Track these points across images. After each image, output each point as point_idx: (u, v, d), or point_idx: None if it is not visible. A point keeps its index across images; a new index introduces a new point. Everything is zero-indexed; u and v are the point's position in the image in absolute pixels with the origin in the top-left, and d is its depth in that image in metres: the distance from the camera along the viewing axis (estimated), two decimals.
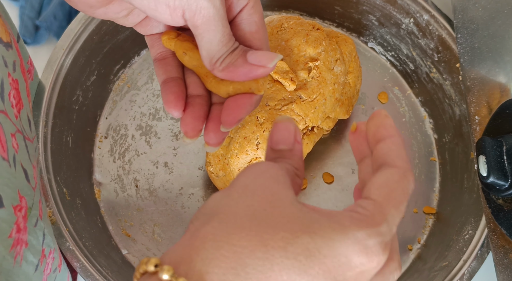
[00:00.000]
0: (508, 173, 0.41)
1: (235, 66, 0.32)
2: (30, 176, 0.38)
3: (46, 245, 0.41)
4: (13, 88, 0.38)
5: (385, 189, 0.26)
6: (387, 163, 0.27)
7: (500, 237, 0.46)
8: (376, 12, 0.63)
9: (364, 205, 0.25)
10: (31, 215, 0.37)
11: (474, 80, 0.50)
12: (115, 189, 0.59)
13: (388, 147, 0.28)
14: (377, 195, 0.25)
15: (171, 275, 0.22)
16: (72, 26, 0.57)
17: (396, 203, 0.25)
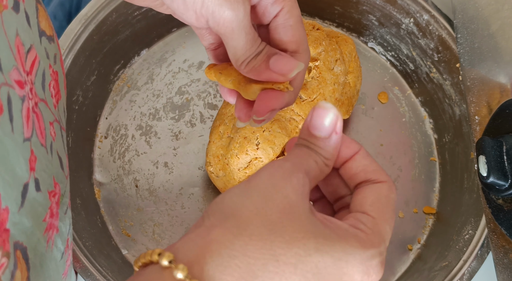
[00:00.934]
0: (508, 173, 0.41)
1: (257, 71, 0.33)
2: (64, 164, 0.39)
3: (70, 235, 0.42)
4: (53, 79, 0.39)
5: (379, 205, 0.27)
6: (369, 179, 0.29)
7: (500, 237, 0.46)
8: (376, 12, 0.63)
9: (363, 220, 0.27)
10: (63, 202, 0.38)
11: (474, 80, 0.50)
12: (115, 189, 0.59)
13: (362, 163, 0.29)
14: (373, 211, 0.27)
15: (185, 276, 0.23)
16: (72, 26, 0.57)
17: (389, 219, 0.27)
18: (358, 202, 0.28)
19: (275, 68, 0.33)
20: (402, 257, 0.57)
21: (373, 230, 0.26)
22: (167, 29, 0.66)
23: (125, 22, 0.61)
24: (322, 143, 0.29)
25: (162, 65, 0.65)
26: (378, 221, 0.27)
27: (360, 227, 0.26)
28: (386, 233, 0.27)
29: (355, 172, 0.29)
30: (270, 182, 0.26)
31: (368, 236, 0.26)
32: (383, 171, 0.29)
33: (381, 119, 0.63)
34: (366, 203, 0.27)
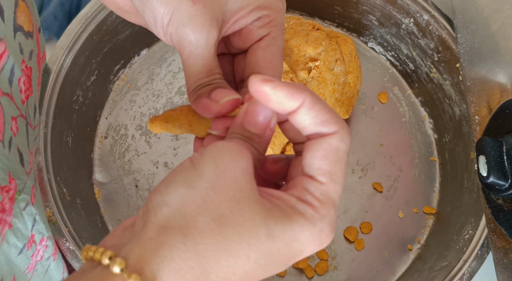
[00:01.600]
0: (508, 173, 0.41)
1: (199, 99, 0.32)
2: (25, 161, 0.39)
3: (37, 232, 0.42)
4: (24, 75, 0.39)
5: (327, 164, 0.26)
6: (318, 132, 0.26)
7: (500, 237, 0.46)
8: (376, 12, 0.63)
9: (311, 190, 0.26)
10: (20, 198, 0.38)
11: (474, 80, 0.50)
12: (115, 189, 0.59)
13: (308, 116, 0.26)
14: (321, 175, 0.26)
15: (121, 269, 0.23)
16: (72, 26, 0.57)
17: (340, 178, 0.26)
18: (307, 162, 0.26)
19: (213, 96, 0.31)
20: (402, 257, 0.57)
21: (322, 199, 0.26)
22: None
23: (125, 22, 0.61)
24: (255, 138, 0.28)
25: (162, 65, 0.65)
26: (327, 186, 0.26)
27: (307, 199, 0.25)
28: (336, 195, 0.26)
29: (303, 125, 0.27)
30: (217, 166, 0.25)
31: (316, 210, 0.25)
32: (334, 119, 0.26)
33: (381, 119, 0.63)
34: (313, 165, 0.26)
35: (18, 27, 0.38)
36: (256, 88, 0.27)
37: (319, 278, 0.56)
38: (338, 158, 0.26)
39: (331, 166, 0.26)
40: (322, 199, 0.26)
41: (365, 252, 0.57)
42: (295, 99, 0.26)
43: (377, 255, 0.57)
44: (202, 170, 0.25)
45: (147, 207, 0.25)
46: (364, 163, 0.61)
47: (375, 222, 0.59)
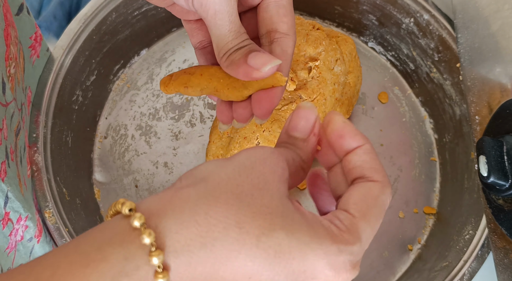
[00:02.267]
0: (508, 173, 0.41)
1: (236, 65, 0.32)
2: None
3: (12, 210, 0.41)
4: None
5: (363, 204, 0.26)
6: (364, 176, 0.27)
7: (501, 237, 0.46)
8: (376, 12, 0.63)
9: (341, 217, 0.25)
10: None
11: (474, 80, 0.50)
12: (115, 189, 0.59)
13: (361, 158, 0.27)
14: (355, 210, 0.25)
15: (141, 224, 0.23)
16: (71, 26, 0.57)
17: (373, 221, 0.26)
18: (344, 199, 0.26)
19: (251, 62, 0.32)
20: (402, 257, 0.57)
21: (349, 227, 0.25)
22: (167, 29, 0.66)
23: (125, 22, 0.61)
24: (300, 143, 0.28)
25: (162, 65, 0.65)
26: (357, 220, 0.25)
27: (335, 222, 0.25)
28: (365, 233, 0.25)
29: (353, 166, 0.27)
30: (248, 159, 0.25)
31: (340, 232, 0.24)
32: (381, 171, 0.27)
33: (381, 119, 0.63)
34: (350, 201, 0.26)
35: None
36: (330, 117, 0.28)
37: None
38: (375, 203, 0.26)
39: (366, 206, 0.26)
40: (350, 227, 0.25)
41: (365, 252, 0.57)
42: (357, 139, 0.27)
43: (377, 255, 0.57)
44: (234, 159, 0.26)
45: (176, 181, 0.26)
46: None
47: None
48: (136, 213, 0.23)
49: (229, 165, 0.25)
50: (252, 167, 0.25)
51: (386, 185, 0.27)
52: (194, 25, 0.38)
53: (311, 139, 0.28)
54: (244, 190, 0.24)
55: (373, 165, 0.27)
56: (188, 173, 0.26)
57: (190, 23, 0.38)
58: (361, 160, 0.27)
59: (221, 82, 0.35)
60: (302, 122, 0.28)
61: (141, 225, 0.23)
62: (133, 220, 0.23)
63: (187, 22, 0.38)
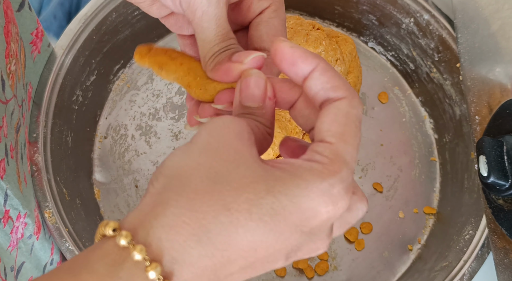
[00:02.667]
0: (508, 173, 0.41)
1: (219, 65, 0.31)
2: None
3: (12, 207, 0.41)
4: None
5: (336, 127, 0.25)
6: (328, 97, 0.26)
7: (501, 237, 0.46)
8: (376, 12, 0.63)
9: (320, 150, 0.24)
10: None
11: (474, 80, 0.50)
12: (115, 189, 0.59)
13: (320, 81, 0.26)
14: (330, 136, 0.25)
15: (128, 242, 0.22)
16: (71, 26, 0.57)
17: (351, 139, 0.25)
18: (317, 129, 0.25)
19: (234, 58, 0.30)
20: (402, 257, 0.57)
21: (331, 157, 0.24)
22: (167, 29, 0.65)
23: (125, 22, 0.61)
24: (257, 111, 0.27)
25: None
26: (336, 145, 0.24)
27: (315, 158, 0.24)
28: (348, 155, 0.24)
29: (314, 92, 0.26)
30: (211, 135, 0.25)
31: (324, 166, 0.24)
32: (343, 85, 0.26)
33: (381, 119, 0.63)
34: (322, 129, 0.25)
35: None
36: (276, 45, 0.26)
37: (319, 278, 0.56)
38: (348, 120, 0.25)
39: (340, 127, 0.25)
40: (332, 157, 0.24)
41: (365, 252, 0.57)
42: (309, 62, 0.26)
43: (377, 255, 0.57)
44: (197, 140, 0.25)
45: (148, 184, 0.25)
46: (364, 163, 0.61)
47: (375, 222, 0.58)
48: (121, 232, 0.22)
49: (194, 149, 0.24)
50: (217, 141, 0.24)
51: (352, 98, 0.26)
52: (188, 40, 0.37)
53: (268, 103, 0.28)
54: (219, 170, 0.23)
55: (333, 82, 0.26)
56: (157, 173, 0.25)
57: (184, 39, 0.37)
58: (319, 82, 0.26)
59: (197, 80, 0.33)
60: (254, 91, 0.27)
61: (129, 242, 0.22)
62: (119, 239, 0.22)
63: (181, 37, 0.37)
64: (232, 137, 0.24)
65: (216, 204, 0.22)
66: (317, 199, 0.23)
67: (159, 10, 0.35)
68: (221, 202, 0.22)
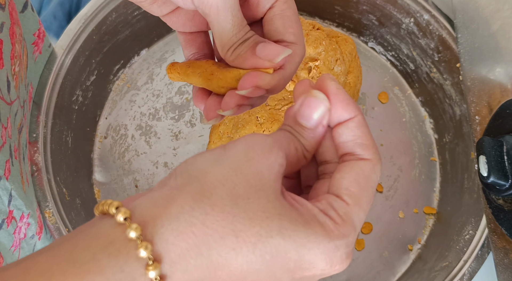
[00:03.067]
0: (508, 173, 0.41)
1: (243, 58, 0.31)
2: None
3: (15, 208, 0.41)
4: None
5: (356, 188, 0.25)
6: (354, 153, 0.26)
7: (501, 237, 0.46)
8: (376, 12, 0.63)
9: (336, 206, 0.25)
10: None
11: (474, 80, 0.50)
12: (115, 189, 0.59)
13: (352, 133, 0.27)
14: (348, 196, 0.25)
15: (137, 236, 0.22)
16: (71, 26, 0.57)
17: (365, 205, 0.26)
18: (336, 182, 0.26)
19: (261, 54, 0.31)
20: (402, 257, 0.57)
21: (344, 218, 0.25)
22: (167, 29, 0.66)
23: (125, 22, 0.61)
24: (306, 133, 0.28)
25: (162, 65, 0.65)
26: (352, 208, 0.25)
27: (330, 213, 0.25)
28: (359, 221, 0.25)
29: (343, 140, 0.27)
30: (246, 154, 0.25)
31: (336, 226, 0.24)
32: (372, 147, 0.26)
33: (381, 119, 0.63)
34: (342, 185, 0.26)
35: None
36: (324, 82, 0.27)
37: None
38: (367, 185, 0.26)
39: (359, 190, 0.26)
40: (345, 218, 0.25)
41: (365, 252, 0.57)
42: (349, 110, 0.27)
43: (377, 255, 0.57)
44: (231, 153, 0.25)
45: (170, 175, 0.25)
46: None
47: (375, 222, 0.58)
48: (132, 224, 0.23)
49: (225, 161, 0.25)
50: (249, 164, 0.24)
51: (376, 163, 0.26)
52: (189, 36, 0.37)
53: (319, 129, 0.28)
54: (241, 193, 0.24)
55: (364, 140, 0.26)
56: (183, 169, 0.25)
57: (185, 35, 0.37)
58: (352, 134, 0.27)
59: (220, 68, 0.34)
60: (313, 113, 0.27)
61: (137, 237, 0.22)
62: (129, 232, 0.22)
63: (181, 33, 0.38)
64: (264, 167, 0.25)
65: (227, 227, 0.23)
66: (320, 256, 0.24)
67: (160, 8, 0.35)
68: (232, 226, 0.23)
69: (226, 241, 0.23)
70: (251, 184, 0.24)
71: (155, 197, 0.24)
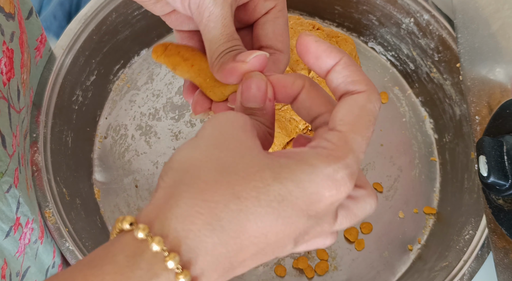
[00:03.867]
0: (508, 173, 0.41)
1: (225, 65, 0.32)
2: (7, 143, 0.39)
3: (22, 214, 0.42)
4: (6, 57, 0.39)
5: (349, 117, 0.26)
6: (348, 91, 0.27)
7: (501, 237, 0.46)
8: (376, 12, 0.63)
9: (329, 137, 0.25)
10: (3, 181, 0.38)
11: (474, 80, 0.50)
12: (115, 189, 0.59)
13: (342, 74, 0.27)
14: (341, 125, 0.25)
15: (146, 234, 0.23)
16: (71, 26, 0.57)
17: (362, 129, 0.26)
18: (331, 119, 0.26)
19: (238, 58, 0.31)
20: (402, 257, 0.57)
21: (338, 144, 0.25)
22: (167, 29, 0.66)
23: (125, 22, 0.61)
24: (258, 112, 0.28)
25: (162, 65, 0.65)
26: (345, 133, 0.25)
27: (322, 144, 0.25)
28: (356, 143, 0.25)
29: (335, 85, 0.27)
30: (216, 128, 0.26)
31: (330, 152, 0.24)
32: (364, 80, 0.27)
33: (381, 119, 0.63)
34: (336, 118, 0.26)
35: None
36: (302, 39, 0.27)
37: (319, 278, 0.56)
38: (362, 112, 0.26)
39: (354, 118, 0.25)
40: (339, 144, 0.25)
41: (365, 252, 0.57)
42: (332, 56, 0.27)
43: (377, 255, 0.57)
44: (202, 134, 0.26)
45: (158, 180, 0.26)
46: (364, 163, 0.61)
47: (375, 222, 0.58)
48: (138, 225, 0.23)
49: (200, 143, 0.25)
50: (222, 134, 0.25)
51: (372, 93, 0.26)
52: (186, 34, 0.38)
53: (268, 104, 0.29)
54: (226, 161, 0.24)
55: (355, 77, 0.27)
56: (166, 168, 0.26)
57: (181, 33, 0.38)
58: (341, 76, 0.27)
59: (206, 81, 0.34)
60: (255, 93, 0.28)
61: (146, 234, 0.23)
62: (137, 232, 0.23)
63: (178, 31, 0.38)
64: (236, 129, 0.25)
65: (226, 192, 0.23)
66: (322, 183, 0.24)
67: (162, 8, 0.36)
68: (230, 191, 0.23)
69: (231, 205, 0.23)
70: (231, 149, 0.25)
71: (153, 201, 0.25)
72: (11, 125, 0.40)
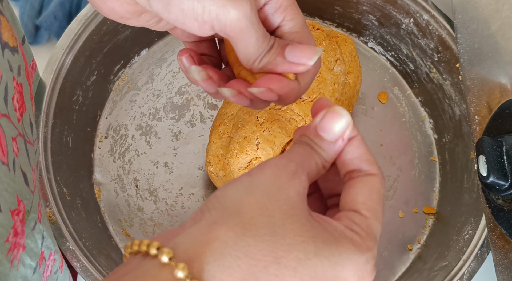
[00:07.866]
0: (508, 173, 0.41)
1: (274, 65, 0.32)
2: (29, 179, 0.38)
3: (46, 248, 0.41)
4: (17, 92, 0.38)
5: (371, 202, 0.27)
6: (361, 169, 0.28)
7: (500, 237, 0.46)
8: (376, 12, 0.63)
9: (357, 221, 0.27)
10: (29, 218, 0.37)
11: (474, 80, 0.50)
12: (115, 189, 0.59)
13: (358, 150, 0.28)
14: (366, 210, 0.27)
15: (185, 275, 0.23)
16: (72, 26, 0.57)
17: (380, 216, 0.28)
18: (350, 198, 0.28)
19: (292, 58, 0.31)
20: (402, 257, 0.57)
21: (367, 231, 0.26)
22: None
23: None
24: (326, 146, 0.29)
25: (162, 65, 0.65)
26: (370, 220, 0.27)
27: (354, 228, 0.26)
28: (377, 231, 0.27)
29: (349, 158, 0.29)
30: (274, 182, 0.26)
31: (363, 240, 0.26)
32: (376, 162, 0.29)
33: (381, 119, 0.63)
34: (358, 201, 0.27)
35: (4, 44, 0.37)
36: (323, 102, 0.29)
37: None
38: (379, 198, 0.28)
39: (374, 203, 0.27)
40: (368, 231, 0.26)
41: None
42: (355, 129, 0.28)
43: (377, 255, 0.57)
44: (259, 181, 0.26)
45: (202, 210, 0.26)
46: None
47: None
48: (179, 264, 0.23)
49: (256, 190, 0.26)
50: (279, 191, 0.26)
51: (382, 177, 0.28)
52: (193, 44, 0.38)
53: (339, 142, 0.29)
54: (276, 221, 0.25)
55: (369, 156, 0.28)
56: (216, 202, 0.26)
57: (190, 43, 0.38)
58: (357, 151, 0.28)
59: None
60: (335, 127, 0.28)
61: (186, 276, 0.23)
62: (177, 272, 0.23)
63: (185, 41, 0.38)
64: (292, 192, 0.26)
65: (269, 255, 0.24)
66: (353, 272, 0.25)
67: (167, 26, 0.36)
68: (273, 254, 0.24)
69: (270, 269, 0.24)
70: (284, 210, 0.25)
71: (194, 234, 0.25)
72: (29, 162, 0.40)
